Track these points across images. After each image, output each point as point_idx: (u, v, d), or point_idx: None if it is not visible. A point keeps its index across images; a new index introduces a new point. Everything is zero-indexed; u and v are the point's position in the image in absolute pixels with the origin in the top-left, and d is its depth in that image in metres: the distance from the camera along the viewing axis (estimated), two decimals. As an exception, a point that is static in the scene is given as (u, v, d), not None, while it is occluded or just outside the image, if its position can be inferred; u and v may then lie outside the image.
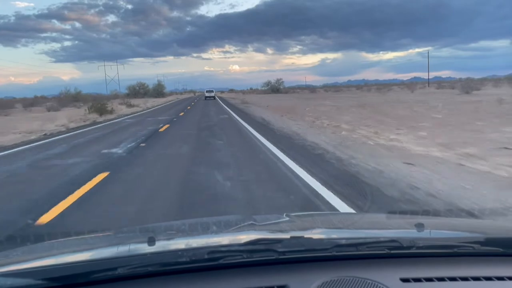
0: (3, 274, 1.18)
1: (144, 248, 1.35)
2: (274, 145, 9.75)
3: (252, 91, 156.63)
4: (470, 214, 4.01)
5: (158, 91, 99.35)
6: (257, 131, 13.32)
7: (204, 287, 1.19)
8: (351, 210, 4.36)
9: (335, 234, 1.63)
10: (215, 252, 1.25)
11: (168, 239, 1.66)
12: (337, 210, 4.33)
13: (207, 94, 65.29)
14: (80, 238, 1.98)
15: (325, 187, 5.43)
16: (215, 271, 1.24)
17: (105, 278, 1.19)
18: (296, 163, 7.22)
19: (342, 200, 4.73)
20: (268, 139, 10.84)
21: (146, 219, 4.34)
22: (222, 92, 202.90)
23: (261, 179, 6.18)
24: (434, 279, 1.23)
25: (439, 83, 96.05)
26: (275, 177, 6.31)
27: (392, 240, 1.34)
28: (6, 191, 6.31)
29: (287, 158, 7.86)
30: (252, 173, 6.64)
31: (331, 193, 5.08)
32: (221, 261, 1.23)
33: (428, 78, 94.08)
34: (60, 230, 3.87)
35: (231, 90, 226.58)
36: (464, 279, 1.23)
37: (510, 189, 4.99)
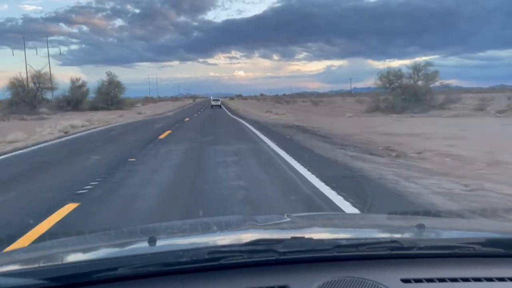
0: (4, 274, 1.19)
1: (145, 248, 1.35)
2: None
3: (263, 97, 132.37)
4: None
5: (109, 96, 50.59)
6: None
7: (204, 287, 1.19)
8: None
9: (336, 235, 1.63)
10: (215, 252, 1.25)
11: (169, 239, 1.66)
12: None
13: (213, 103, 61.68)
14: (81, 238, 1.98)
15: None
16: (216, 271, 1.24)
17: (106, 278, 1.19)
18: None
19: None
20: None
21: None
22: (231, 98, 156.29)
23: None
24: (435, 280, 1.23)
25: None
26: None
27: (393, 241, 1.34)
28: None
29: None
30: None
31: None
32: (221, 261, 1.23)
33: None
34: (63, 229, 3.80)
35: (240, 96, 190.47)
36: (465, 280, 1.23)
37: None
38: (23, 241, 3.74)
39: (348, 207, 4.83)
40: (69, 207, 5.05)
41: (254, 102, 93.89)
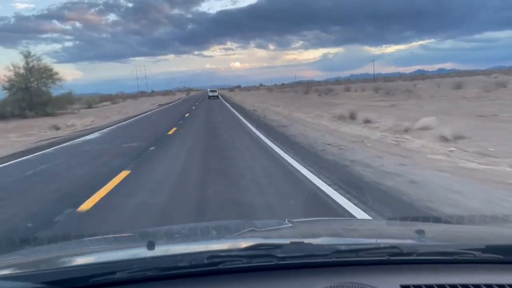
0: (2, 278, 1.18)
1: (144, 252, 1.35)
2: None
3: (265, 87, 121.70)
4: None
5: (28, 93, 29.10)
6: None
7: None
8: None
9: (335, 240, 1.62)
10: (214, 257, 1.25)
11: (168, 243, 1.66)
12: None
13: (210, 94, 62.41)
14: (79, 242, 1.98)
15: None
16: (215, 276, 1.23)
17: (104, 282, 1.18)
18: None
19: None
20: None
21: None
22: (230, 90, 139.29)
23: None
24: (435, 286, 1.22)
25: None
26: None
27: (393, 247, 1.34)
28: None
29: None
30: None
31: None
32: (220, 266, 1.22)
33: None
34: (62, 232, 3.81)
35: (239, 87, 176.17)
36: (465, 286, 1.22)
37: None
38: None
39: None
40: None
41: (262, 93, 66.19)
